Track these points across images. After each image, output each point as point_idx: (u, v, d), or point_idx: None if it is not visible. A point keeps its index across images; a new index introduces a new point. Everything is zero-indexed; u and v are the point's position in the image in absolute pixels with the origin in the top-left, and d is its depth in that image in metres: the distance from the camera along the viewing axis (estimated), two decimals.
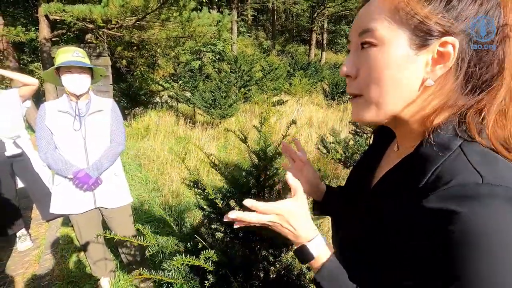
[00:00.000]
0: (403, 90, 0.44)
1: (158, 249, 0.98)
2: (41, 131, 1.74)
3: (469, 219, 0.34)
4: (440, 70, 0.42)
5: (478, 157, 0.39)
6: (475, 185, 0.36)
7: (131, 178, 4.04)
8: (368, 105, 0.47)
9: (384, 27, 0.43)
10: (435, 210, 0.37)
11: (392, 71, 0.43)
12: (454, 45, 0.40)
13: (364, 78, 0.46)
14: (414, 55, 0.42)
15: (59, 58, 1.73)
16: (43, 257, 2.58)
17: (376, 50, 0.44)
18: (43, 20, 5.46)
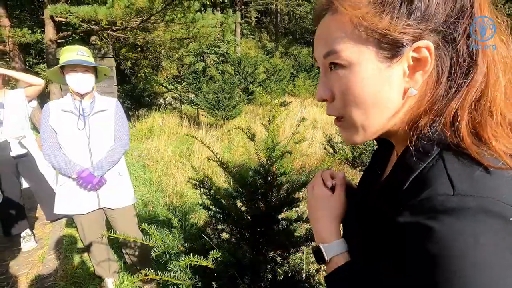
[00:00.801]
0: (385, 105, 0.41)
1: (164, 250, 0.96)
2: (45, 131, 1.73)
3: (440, 234, 0.32)
4: (420, 76, 0.39)
5: (455, 163, 0.36)
6: (446, 198, 0.33)
7: (135, 179, 4.03)
8: (354, 128, 0.45)
9: (347, 47, 0.40)
10: (409, 224, 0.35)
11: (368, 89, 0.40)
12: (429, 47, 0.37)
13: (340, 100, 0.44)
14: (387, 68, 0.39)
15: (64, 56, 1.73)
16: (47, 258, 2.57)
17: (346, 72, 0.41)
18: (48, 22, 5.50)
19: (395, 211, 0.38)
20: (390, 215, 0.39)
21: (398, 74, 0.39)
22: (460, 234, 0.31)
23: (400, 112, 0.42)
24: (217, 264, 0.88)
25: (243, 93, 7.94)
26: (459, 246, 0.31)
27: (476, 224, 0.31)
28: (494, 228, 0.31)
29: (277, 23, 26.22)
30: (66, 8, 4.43)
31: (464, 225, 0.31)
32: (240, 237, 1.20)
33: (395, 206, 0.39)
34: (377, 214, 0.45)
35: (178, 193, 3.60)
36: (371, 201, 0.49)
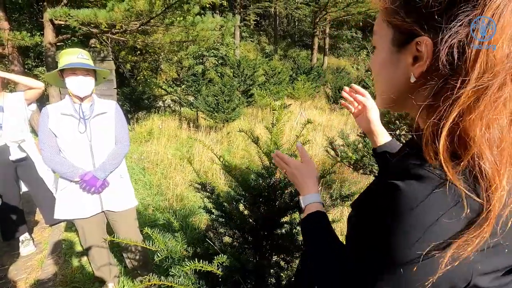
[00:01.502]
0: (392, 83, 0.51)
1: (167, 254, 0.95)
2: (44, 134, 1.71)
3: (403, 193, 0.41)
4: (418, 68, 0.44)
5: None
6: (413, 166, 0.42)
7: (134, 182, 4.01)
8: (377, 95, 0.57)
9: (376, 33, 0.52)
10: (387, 183, 0.44)
11: (383, 70, 0.52)
12: (427, 43, 0.41)
13: (372, 73, 0.57)
14: (395, 57, 0.48)
15: (64, 59, 1.71)
16: (46, 262, 2.55)
17: (375, 52, 0.54)
18: (48, 25, 5.50)
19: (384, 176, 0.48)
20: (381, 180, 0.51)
21: (404, 61, 0.47)
22: (418, 194, 0.39)
23: (403, 93, 0.49)
24: (221, 269, 0.87)
25: (243, 96, 7.94)
26: (419, 208, 0.39)
27: (438, 193, 0.39)
28: (447, 203, 0.38)
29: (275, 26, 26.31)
30: (66, 11, 4.43)
31: (426, 191, 0.39)
32: (243, 241, 1.19)
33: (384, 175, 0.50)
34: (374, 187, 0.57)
35: (178, 196, 3.58)
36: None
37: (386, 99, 0.54)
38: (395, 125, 2.30)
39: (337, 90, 9.33)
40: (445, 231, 0.38)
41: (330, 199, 1.43)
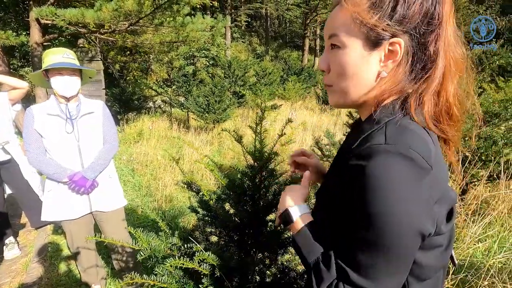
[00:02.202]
0: (363, 81, 0.55)
1: (150, 253, 0.95)
2: (29, 135, 1.68)
3: (368, 169, 0.47)
4: (391, 64, 0.53)
5: (394, 129, 0.51)
6: (378, 146, 0.48)
7: (123, 183, 3.97)
8: (339, 93, 0.59)
9: (344, 33, 0.54)
10: (352, 165, 0.50)
11: (353, 68, 0.55)
12: (400, 44, 0.51)
13: (334, 72, 0.58)
14: (368, 54, 0.53)
15: (49, 59, 1.69)
16: (31, 265, 2.50)
17: (340, 52, 0.55)
18: (34, 24, 5.39)
19: (346, 160, 0.53)
20: (344, 164, 0.54)
21: (375, 60, 0.53)
22: (381, 167, 0.46)
23: (373, 89, 0.55)
24: (204, 266, 0.88)
25: (234, 96, 7.93)
26: (379, 175, 0.46)
27: (392, 161, 0.46)
28: (404, 166, 0.46)
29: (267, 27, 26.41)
30: (52, 10, 4.35)
31: (384, 162, 0.46)
32: (228, 240, 1.20)
33: (347, 157, 0.53)
34: (335, 170, 0.63)
35: (168, 197, 3.56)
36: (334, 161, 0.67)
37: (352, 97, 0.58)
38: None
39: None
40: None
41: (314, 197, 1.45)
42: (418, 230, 0.47)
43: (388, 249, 0.48)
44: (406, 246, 0.48)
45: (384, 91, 0.54)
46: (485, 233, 2.08)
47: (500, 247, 1.98)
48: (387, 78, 0.54)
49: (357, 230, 0.50)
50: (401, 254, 0.48)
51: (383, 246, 0.48)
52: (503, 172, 2.67)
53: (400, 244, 0.47)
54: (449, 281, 1.66)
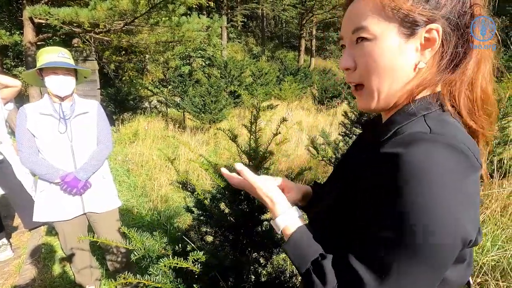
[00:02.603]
0: (399, 75, 0.49)
1: (144, 253, 0.94)
2: (22, 135, 1.66)
3: (409, 156, 0.40)
4: (429, 53, 0.48)
5: (435, 121, 0.46)
6: (422, 134, 0.43)
7: (119, 183, 3.94)
8: (371, 93, 0.52)
9: (375, 23, 0.48)
10: (387, 153, 0.43)
11: (388, 60, 0.48)
12: (438, 30, 0.46)
13: (363, 69, 0.51)
14: (405, 43, 0.48)
15: (43, 58, 1.67)
16: (24, 267, 2.47)
17: (371, 44, 0.49)
18: (27, 24, 5.34)
19: (376, 149, 0.46)
20: (372, 153, 0.47)
21: (412, 49, 0.48)
22: (427, 157, 0.39)
23: (411, 82, 0.49)
24: (198, 265, 0.87)
25: (230, 97, 7.93)
26: (425, 164, 0.39)
27: (442, 151, 0.40)
28: (454, 158, 0.40)
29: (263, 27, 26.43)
30: (46, 9, 4.31)
31: (432, 151, 0.40)
32: (223, 239, 1.20)
33: (377, 147, 0.46)
34: (359, 165, 0.53)
35: (163, 197, 3.54)
36: (354, 156, 0.60)
37: (388, 95, 0.51)
38: None
39: (324, 91, 9.46)
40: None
41: None
42: (462, 234, 0.39)
43: (422, 254, 0.39)
44: (445, 252, 0.39)
45: (420, 84, 0.49)
46: None
47: (493, 245, 2.00)
48: (425, 69, 0.49)
49: (383, 228, 0.41)
50: (438, 261, 0.39)
51: (417, 249, 0.39)
52: (496, 171, 2.70)
53: (439, 249, 0.39)
54: None
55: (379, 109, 0.54)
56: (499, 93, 0.50)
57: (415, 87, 0.49)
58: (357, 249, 0.45)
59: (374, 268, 0.42)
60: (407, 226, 0.39)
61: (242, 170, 0.64)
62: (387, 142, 0.46)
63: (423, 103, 0.49)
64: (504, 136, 2.81)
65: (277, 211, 0.59)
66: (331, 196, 0.58)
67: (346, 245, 0.47)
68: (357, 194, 0.48)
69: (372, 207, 0.44)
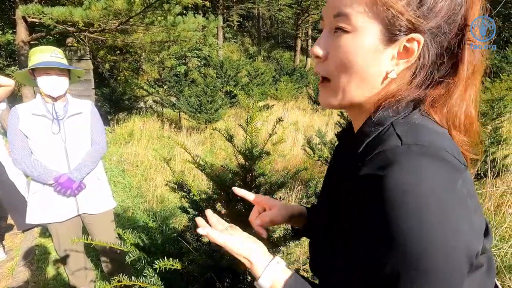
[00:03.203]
0: (368, 80, 0.45)
1: (139, 255, 0.93)
2: (14, 136, 1.63)
3: (390, 179, 0.36)
4: (403, 64, 0.44)
5: (404, 127, 0.42)
6: (395, 148, 0.39)
7: (113, 184, 3.91)
8: (336, 91, 0.48)
9: (359, 15, 0.43)
10: (364, 176, 0.40)
11: (361, 61, 0.44)
12: (420, 42, 0.42)
13: (333, 63, 0.46)
14: (383, 48, 0.43)
15: (36, 57, 1.65)
16: (17, 269, 2.44)
17: (348, 37, 0.44)
18: (20, 23, 5.27)
19: (353, 170, 0.43)
20: (350, 176, 0.44)
21: (388, 57, 0.44)
22: (408, 175, 0.36)
23: (378, 91, 0.46)
24: (194, 267, 0.87)
25: (226, 97, 7.92)
26: (407, 186, 0.35)
27: (420, 164, 0.36)
28: (434, 169, 0.36)
29: (259, 27, 26.46)
30: (39, 8, 4.26)
31: (410, 168, 0.36)
32: None
33: (353, 167, 0.43)
34: (340, 185, 0.50)
35: (159, 198, 3.52)
36: (334, 176, 0.56)
37: (351, 97, 0.47)
38: None
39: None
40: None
41: (306, 196, 1.46)
42: (467, 249, 0.36)
43: (430, 283, 0.35)
44: (454, 274, 0.36)
45: (388, 95, 0.45)
46: None
47: None
48: (395, 80, 0.45)
49: (381, 264, 0.37)
50: (448, 283, 0.36)
51: (423, 279, 0.35)
52: (490, 170, 2.74)
53: (446, 272, 0.35)
54: None
55: (340, 108, 0.52)
56: (492, 93, 0.49)
57: (382, 98, 0.46)
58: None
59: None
60: (404, 259, 0.35)
61: (208, 234, 0.55)
62: (364, 160, 0.42)
63: (389, 110, 0.45)
64: (497, 136, 2.85)
65: (257, 271, 0.51)
66: (323, 216, 0.55)
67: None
68: (342, 213, 0.46)
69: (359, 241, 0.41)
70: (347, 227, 0.44)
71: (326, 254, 0.50)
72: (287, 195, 3.12)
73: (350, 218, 0.43)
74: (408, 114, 0.44)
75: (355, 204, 0.42)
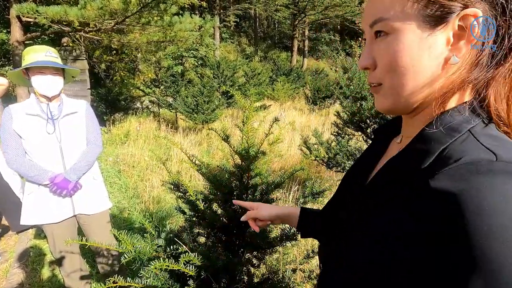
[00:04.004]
0: (424, 73, 0.41)
1: (135, 255, 0.93)
2: (8, 136, 1.61)
3: (484, 196, 0.31)
4: (464, 45, 0.39)
5: (489, 139, 0.37)
6: (489, 162, 0.33)
7: (109, 185, 3.88)
8: (389, 93, 0.45)
9: (394, 14, 0.40)
10: (444, 190, 0.34)
11: (410, 56, 0.40)
12: (477, 15, 0.37)
13: (382, 67, 0.44)
14: (430, 36, 0.39)
15: (30, 57, 1.63)
16: (12, 271, 2.41)
17: (390, 39, 0.41)
18: (15, 22, 5.22)
19: (420, 182, 0.36)
20: (412, 189, 0.38)
21: (441, 42, 0.39)
22: (506, 195, 0.31)
23: (438, 81, 0.41)
24: (190, 267, 0.86)
25: (223, 97, 7.90)
26: (505, 206, 0.30)
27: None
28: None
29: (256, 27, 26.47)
30: (34, 7, 4.22)
31: (505, 185, 0.31)
32: (216, 240, 1.19)
33: (420, 178, 0.37)
34: (387, 193, 0.43)
35: (155, 198, 3.50)
36: (378, 181, 0.48)
37: (410, 95, 0.43)
38: (366, 124, 2.39)
39: (316, 92, 9.52)
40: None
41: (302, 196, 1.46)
42: None
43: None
44: None
45: (453, 83, 0.40)
46: None
47: None
48: (459, 64, 0.39)
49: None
50: None
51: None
52: None
53: None
54: None
55: (397, 111, 0.47)
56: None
57: (445, 87, 0.41)
58: None
59: None
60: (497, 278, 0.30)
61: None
62: (435, 171, 0.36)
63: (460, 112, 0.40)
64: None
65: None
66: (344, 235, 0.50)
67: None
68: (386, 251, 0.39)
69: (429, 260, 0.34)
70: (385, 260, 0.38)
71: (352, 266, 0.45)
72: (284, 195, 3.12)
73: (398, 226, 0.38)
74: (481, 124, 0.39)
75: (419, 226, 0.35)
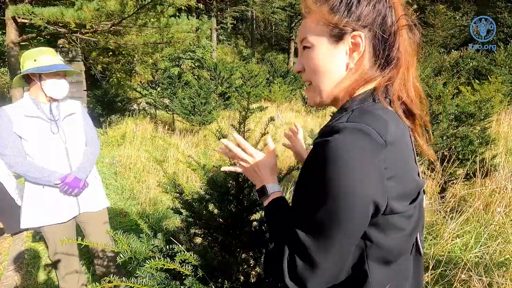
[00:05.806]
0: (334, 73, 0.61)
1: (131, 255, 0.93)
2: (7, 138, 1.58)
3: (327, 144, 0.51)
4: (356, 55, 0.59)
5: (360, 113, 0.56)
6: (339, 124, 0.54)
7: (106, 186, 3.86)
8: (315, 90, 0.65)
9: (312, 34, 0.61)
10: (316, 143, 0.55)
11: (323, 62, 0.61)
12: (361, 36, 0.58)
13: (308, 70, 0.65)
14: (335, 48, 0.60)
15: (43, 60, 1.60)
16: (6, 274, 2.38)
17: (310, 51, 0.62)
18: (10, 23, 5.18)
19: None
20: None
21: (342, 53, 0.60)
22: (339, 142, 0.50)
23: (344, 81, 0.61)
24: (186, 266, 0.87)
25: (220, 99, 7.91)
26: (338, 149, 0.50)
27: (349, 136, 0.50)
28: (359, 139, 0.50)
29: (253, 29, 26.55)
30: (29, 8, 4.20)
31: (342, 137, 0.51)
32: (212, 240, 1.19)
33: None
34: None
35: (152, 200, 3.49)
36: None
37: (327, 91, 0.63)
38: None
39: None
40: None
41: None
42: (369, 198, 0.50)
43: (338, 219, 0.50)
44: (355, 215, 0.50)
45: (354, 82, 0.60)
46: (462, 229, 2.16)
47: (477, 242, 2.06)
48: (354, 68, 0.60)
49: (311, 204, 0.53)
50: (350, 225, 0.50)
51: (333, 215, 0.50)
52: (479, 170, 2.79)
53: (350, 213, 0.49)
54: (428, 276, 1.71)
55: (323, 104, 0.66)
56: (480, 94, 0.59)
57: (349, 85, 0.60)
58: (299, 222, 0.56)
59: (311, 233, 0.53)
60: (327, 199, 0.50)
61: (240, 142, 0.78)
62: (320, 132, 0.58)
63: (357, 100, 0.59)
64: (485, 137, 2.91)
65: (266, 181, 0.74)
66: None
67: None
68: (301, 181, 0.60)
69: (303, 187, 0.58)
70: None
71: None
72: None
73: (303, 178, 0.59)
74: (369, 103, 0.58)
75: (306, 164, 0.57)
